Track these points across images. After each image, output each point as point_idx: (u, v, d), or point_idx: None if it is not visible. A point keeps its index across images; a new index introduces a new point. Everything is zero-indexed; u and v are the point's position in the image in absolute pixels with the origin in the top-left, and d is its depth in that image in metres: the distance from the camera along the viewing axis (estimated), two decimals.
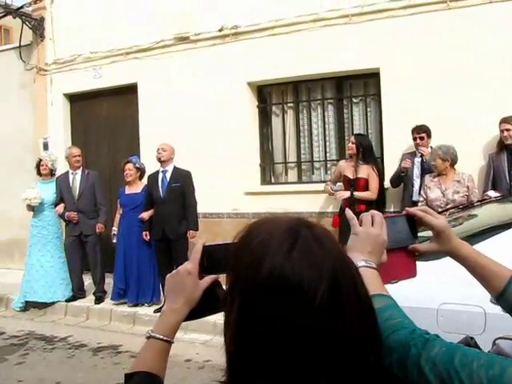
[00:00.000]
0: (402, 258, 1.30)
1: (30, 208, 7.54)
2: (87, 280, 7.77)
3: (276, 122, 8.04)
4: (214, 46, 7.85)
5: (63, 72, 9.19)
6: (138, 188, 7.21)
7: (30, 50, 9.56)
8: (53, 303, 7.52)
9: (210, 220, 7.98)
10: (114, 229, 7.36)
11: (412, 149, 6.51)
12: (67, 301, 7.48)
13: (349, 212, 1.26)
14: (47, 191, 7.59)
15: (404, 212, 1.33)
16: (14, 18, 9.09)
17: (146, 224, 6.99)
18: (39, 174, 7.73)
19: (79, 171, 7.60)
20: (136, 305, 7.08)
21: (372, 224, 1.21)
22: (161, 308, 6.87)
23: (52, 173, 7.73)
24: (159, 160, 6.98)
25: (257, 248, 0.85)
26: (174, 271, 1.21)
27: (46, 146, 9.43)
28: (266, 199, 7.66)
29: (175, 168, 7.04)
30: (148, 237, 6.97)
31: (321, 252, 0.84)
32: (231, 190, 7.73)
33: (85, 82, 8.95)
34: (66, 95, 9.33)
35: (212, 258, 1.20)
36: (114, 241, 7.32)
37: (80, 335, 6.50)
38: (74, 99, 9.38)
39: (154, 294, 7.11)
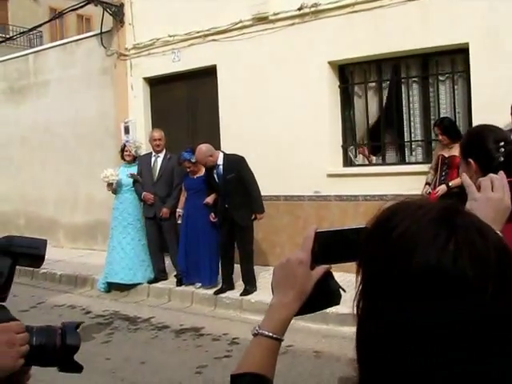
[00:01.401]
0: None
1: (110, 187, 7.65)
2: (168, 262, 7.86)
3: (358, 102, 7.79)
4: (292, 26, 7.67)
5: (143, 56, 9.28)
6: (200, 172, 7.19)
7: (110, 36, 9.72)
8: (134, 285, 7.67)
9: (292, 202, 7.89)
10: (179, 210, 7.40)
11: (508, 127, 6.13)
12: (149, 282, 7.59)
13: (465, 178, 1.15)
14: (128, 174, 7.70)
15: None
16: (96, 5, 9.25)
17: (212, 206, 7.00)
18: (123, 158, 7.85)
19: (162, 154, 7.66)
20: (191, 284, 7.21)
21: (492, 189, 1.11)
22: (219, 290, 6.86)
23: (136, 158, 7.83)
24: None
25: (401, 239, 0.71)
26: (283, 260, 1.08)
27: (127, 130, 9.58)
28: (348, 181, 7.47)
29: (226, 157, 6.90)
30: (215, 218, 6.97)
31: (483, 243, 0.69)
32: (313, 172, 7.58)
33: (164, 65, 9.00)
34: (145, 79, 9.43)
35: (325, 246, 1.06)
36: (179, 222, 7.38)
37: (163, 316, 6.58)
38: (154, 83, 9.47)
39: (212, 276, 7.11)
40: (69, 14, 21.54)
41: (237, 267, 7.03)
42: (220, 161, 6.85)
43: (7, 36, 18.51)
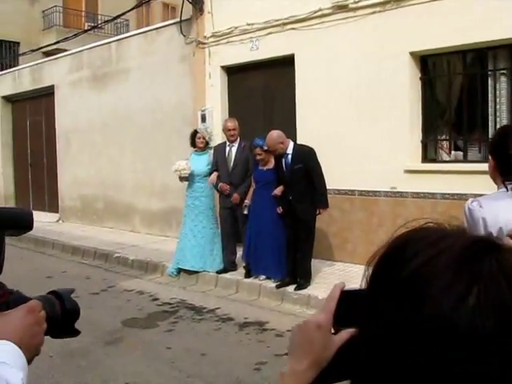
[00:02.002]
0: None
1: (182, 179, 7.68)
2: (239, 253, 7.79)
3: (440, 95, 7.39)
4: (373, 14, 7.35)
5: (221, 44, 9.23)
6: (270, 164, 7.04)
7: (189, 24, 9.73)
8: (203, 273, 7.65)
9: (367, 198, 7.62)
10: (247, 201, 7.27)
11: None
12: (218, 272, 7.54)
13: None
14: (201, 162, 7.67)
15: None
16: None
17: (279, 199, 6.83)
18: (193, 145, 7.82)
19: (236, 143, 7.58)
20: (256, 277, 7.10)
21: None
22: (282, 283, 6.69)
23: (207, 145, 7.79)
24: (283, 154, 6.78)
25: (411, 281, 0.62)
26: (301, 323, 0.94)
27: (203, 118, 9.59)
28: (427, 178, 7.11)
29: (296, 146, 6.74)
30: (281, 210, 6.81)
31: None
32: (390, 168, 7.28)
33: (242, 54, 8.91)
34: (223, 67, 9.37)
35: (352, 307, 0.88)
36: (245, 212, 7.25)
37: (228, 308, 6.51)
38: (231, 71, 9.40)
39: (278, 269, 6.95)
40: (155, 3, 22.00)
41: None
42: (290, 150, 6.70)
43: (98, 26, 19.09)
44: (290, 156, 6.68)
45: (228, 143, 7.58)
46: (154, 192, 10.88)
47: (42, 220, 13.65)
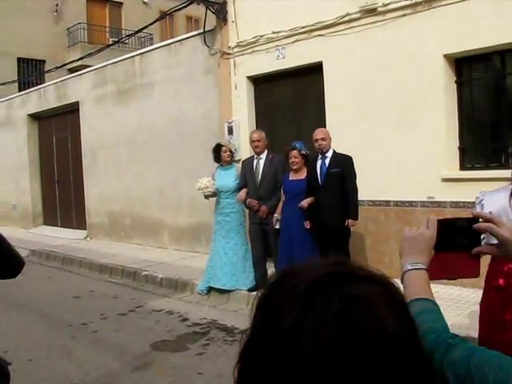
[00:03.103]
0: (464, 259, 1.31)
1: (206, 197, 7.45)
2: (271, 269, 7.49)
3: (478, 99, 7.03)
4: (404, 17, 7.04)
5: (246, 54, 9.00)
6: (302, 174, 6.74)
7: (213, 34, 9.53)
8: (234, 291, 7.38)
9: (402, 208, 7.27)
10: (276, 215, 6.95)
11: None
12: (249, 290, 7.26)
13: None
14: (228, 178, 7.42)
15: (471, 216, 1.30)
16: (198, 4, 9.09)
17: (307, 212, 6.53)
18: (217, 160, 7.57)
19: (263, 156, 7.28)
20: None
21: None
22: None
23: (232, 159, 7.54)
24: (321, 152, 6.54)
25: (271, 306, 0.74)
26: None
27: (230, 131, 9.36)
28: (465, 186, 6.72)
29: (335, 153, 6.55)
30: (309, 225, 6.51)
31: (336, 336, 0.67)
32: (426, 176, 6.94)
33: (268, 63, 8.67)
34: (249, 78, 9.14)
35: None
36: (277, 227, 6.92)
37: None
38: (258, 82, 9.16)
39: None
40: (178, 16, 21.96)
41: None
42: (329, 153, 6.54)
43: (121, 41, 19.08)
44: (328, 160, 6.51)
45: (255, 156, 7.30)
46: (182, 207, 10.67)
47: (70, 237, 13.61)
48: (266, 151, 7.27)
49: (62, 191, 15.03)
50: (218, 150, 7.50)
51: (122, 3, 20.67)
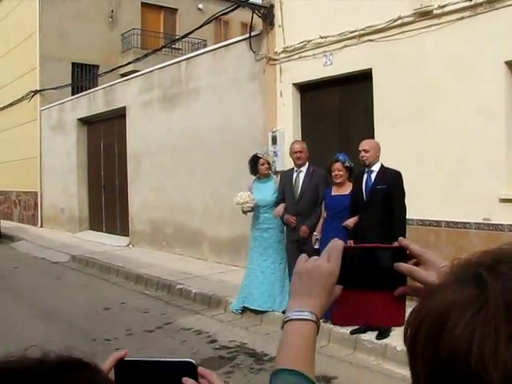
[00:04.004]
0: (385, 301, 0.96)
1: (245, 212, 7.01)
2: None
3: None
4: (461, 20, 6.41)
5: (293, 60, 8.53)
6: (346, 189, 6.17)
7: (259, 39, 9.13)
8: (270, 312, 6.90)
9: (455, 230, 6.61)
10: (316, 234, 6.36)
11: None
12: (284, 312, 6.75)
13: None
14: (266, 191, 6.95)
15: (395, 244, 0.98)
16: (244, 7, 8.70)
17: (351, 232, 5.92)
18: (253, 173, 7.11)
19: (304, 169, 6.75)
20: (327, 320, 6.09)
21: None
22: (358, 329, 5.81)
23: (270, 171, 7.08)
24: (364, 164, 5.92)
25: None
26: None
27: (274, 140, 8.91)
28: None
29: (382, 167, 5.89)
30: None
31: None
32: (482, 195, 6.28)
33: (315, 70, 8.17)
34: (295, 85, 8.66)
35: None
36: (316, 246, 6.31)
37: None
38: (304, 89, 8.67)
39: None
40: (232, 22, 21.73)
41: None
42: (376, 167, 5.87)
43: (174, 47, 18.97)
44: (373, 174, 5.85)
45: (295, 169, 6.79)
46: (224, 218, 10.26)
47: (113, 244, 13.44)
48: (307, 164, 6.76)
49: (107, 197, 14.94)
50: (254, 161, 7.05)
51: (176, 9, 20.59)
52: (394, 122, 7.16)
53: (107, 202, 14.94)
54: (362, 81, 7.61)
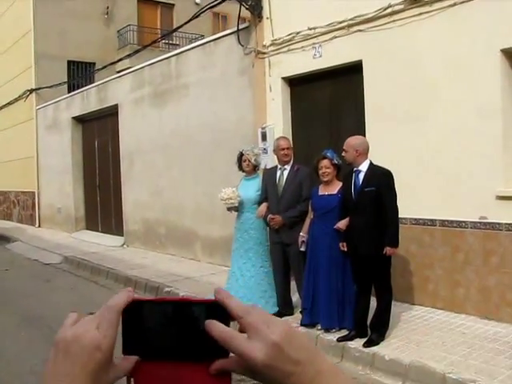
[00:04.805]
0: (202, 377, 0.68)
1: (230, 209, 6.70)
2: (296, 295, 6.65)
3: None
4: (454, 7, 6.05)
5: (281, 53, 8.19)
6: (334, 188, 5.79)
7: (248, 32, 8.79)
8: None
9: (450, 230, 6.27)
10: (302, 235, 5.99)
11: None
12: None
13: None
14: (250, 189, 6.64)
15: (215, 297, 0.69)
16: None
17: (343, 234, 5.57)
18: (241, 169, 6.81)
19: (288, 166, 6.42)
20: (327, 330, 5.77)
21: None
22: (345, 336, 5.50)
23: (255, 168, 6.76)
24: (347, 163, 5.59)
25: None
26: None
27: (264, 137, 8.59)
28: None
29: (371, 166, 5.47)
30: (345, 248, 5.54)
31: None
32: (478, 193, 5.94)
33: (304, 63, 7.84)
34: (284, 79, 8.32)
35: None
36: (302, 249, 5.97)
37: None
38: (294, 83, 8.33)
39: (341, 317, 5.73)
40: (232, 17, 21.35)
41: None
42: (363, 167, 5.43)
43: (171, 42, 18.68)
44: (361, 175, 5.42)
45: (279, 166, 6.46)
46: (215, 218, 9.94)
47: (108, 244, 13.19)
48: (291, 161, 6.43)
49: (102, 196, 14.68)
50: (239, 158, 6.74)
51: (173, 5, 20.26)
52: (385, 117, 6.82)
53: (102, 202, 14.68)
54: (352, 74, 7.27)
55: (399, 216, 6.45)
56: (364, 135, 7.03)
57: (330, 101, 7.81)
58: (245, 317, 0.68)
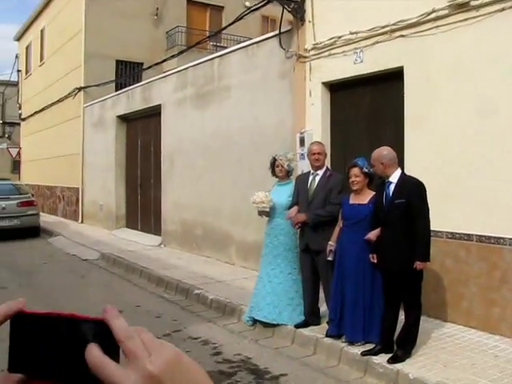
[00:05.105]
0: None
1: (261, 213, 6.60)
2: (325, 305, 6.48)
3: None
4: (502, 12, 5.78)
5: (322, 58, 8.04)
6: (365, 198, 5.60)
7: (290, 36, 8.68)
8: (282, 325, 6.45)
9: (487, 246, 6.00)
10: (331, 243, 5.82)
11: None
12: (296, 326, 6.29)
13: None
14: (282, 194, 6.52)
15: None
16: (271, 1, 8.26)
17: (373, 245, 5.37)
18: (274, 174, 6.70)
19: (321, 172, 6.27)
20: (351, 343, 5.59)
21: None
22: (370, 351, 5.30)
23: (288, 174, 6.63)
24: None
25: None
26: None
27: (302, 142, 8.44)
28: None
29: (402, 176, 5.27)
30: (375, 260, 5.35)
31: None
32: None
33: (345, 68, 7.67)
34: (324, 84, 8.16)
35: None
36: (330, 258, 5.80)
37: (296, 376, 5.24)
38: (334, 88, 8.17)
39: (368, 331, 5.53)
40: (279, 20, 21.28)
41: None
42: (394, 178, 5.22)
43: (219, 44, 18.72)
44: (392, 186, 5.22)
45: (312, 171, 6.31)
46: (251, 222, 9.83)
47: (146, 243, 13.26)
48: (324, 167, 6.28)
49: (143, 195, 14.79)
50: (272, 163, 6.64)
51: (223, 7, 20.29)
52: (426, 128, 6.57)
53: (143, 201, 14.79)
54: (393, 80, 7.07)
55: (435, 229, 6.25)
56: (403, 144, 6.85)
57: (369, 107, 7.61)
58: (126, 341, 0.60)
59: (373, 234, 5.36)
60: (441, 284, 6.43)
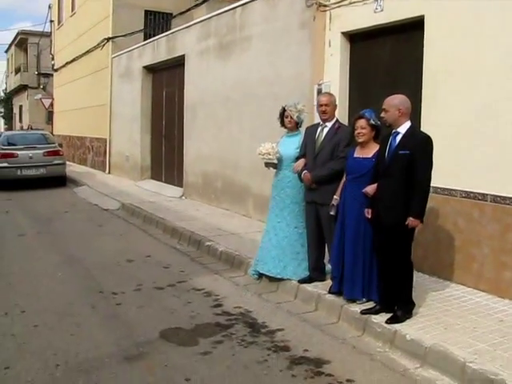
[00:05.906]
0: None
1: (267, 165, 6.44)
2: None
3: None
4: None
5: (343, 6, 7.70)
6: (369, 151, 5.34)
7: None
8: (287, 279, 6.34)
9: (502, 206, 5.71)
10: (335, 197, 5.61)
11: None
12: (300, 282, 6.18)
13: None
14: (289, 146, 6.33)
15: None
16: None
17: (370, 200, 5.16)
18: (283, 125, 6.49)
19: (330, 124, 6.02)
20: (352, 300, 5.46)
21: None
22: (370, 310, 5.18)
23: (298, 125, 6.42)
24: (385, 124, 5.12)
25: None
26: None
27: (319, 93, 8.17)
28: None
29: (411, 129, 4.95)
30: (370, 215, 5.14)
31: None
32: None
33: (364, 17, 7.32)
34: (344, 34, 7.83)
35: None
36: (332, 213, 5.61)
37: (292, 332, 5.14)
38: (354, 39, 7.83)
39: (364, 288, 5.40)
40: None
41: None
42: (402, 129, 4.93)
43: None
44: (398, 137, 4.94)
45: (321, 123, 6.08)
46: (268, 175, 9.64)
47: (168, 194, 13.28)
48: (334, 119, 6.04)
49: (167, 146, 14.76)
50: (281, 113, 6.42)
51: None
52: (446, 83, 6.24)
53: (167, 152, 14.76)
54: (414, 31, 6.71)
55: (448, 187, 6.01)
56: (421, 99, 6.55)
57: (389, 60, 7.28)
58: None
59: (370, 188, 5.14)
60: (452, 244, 6.21)
